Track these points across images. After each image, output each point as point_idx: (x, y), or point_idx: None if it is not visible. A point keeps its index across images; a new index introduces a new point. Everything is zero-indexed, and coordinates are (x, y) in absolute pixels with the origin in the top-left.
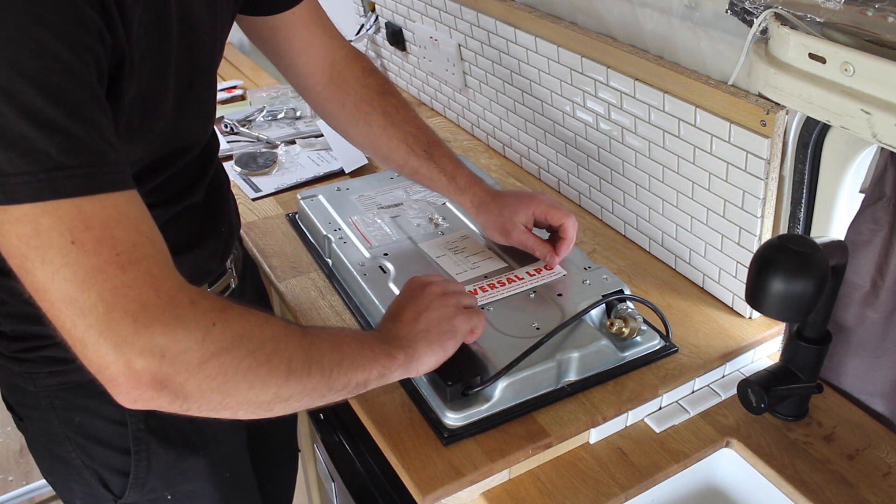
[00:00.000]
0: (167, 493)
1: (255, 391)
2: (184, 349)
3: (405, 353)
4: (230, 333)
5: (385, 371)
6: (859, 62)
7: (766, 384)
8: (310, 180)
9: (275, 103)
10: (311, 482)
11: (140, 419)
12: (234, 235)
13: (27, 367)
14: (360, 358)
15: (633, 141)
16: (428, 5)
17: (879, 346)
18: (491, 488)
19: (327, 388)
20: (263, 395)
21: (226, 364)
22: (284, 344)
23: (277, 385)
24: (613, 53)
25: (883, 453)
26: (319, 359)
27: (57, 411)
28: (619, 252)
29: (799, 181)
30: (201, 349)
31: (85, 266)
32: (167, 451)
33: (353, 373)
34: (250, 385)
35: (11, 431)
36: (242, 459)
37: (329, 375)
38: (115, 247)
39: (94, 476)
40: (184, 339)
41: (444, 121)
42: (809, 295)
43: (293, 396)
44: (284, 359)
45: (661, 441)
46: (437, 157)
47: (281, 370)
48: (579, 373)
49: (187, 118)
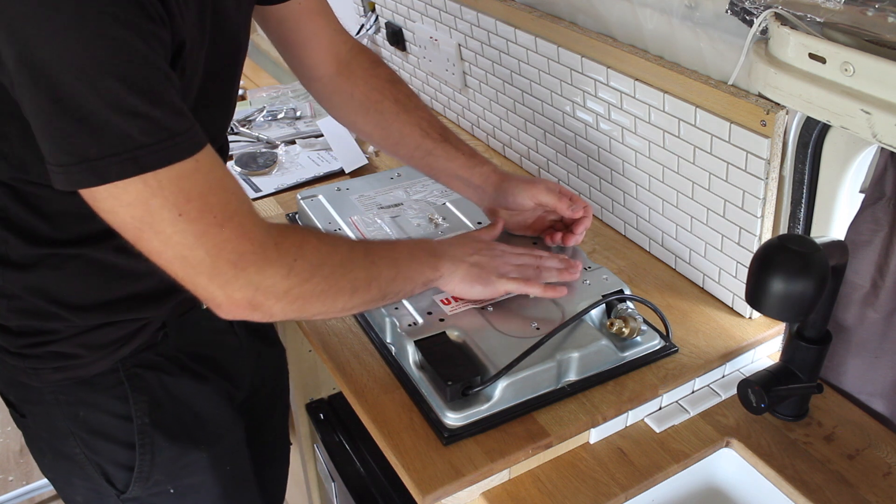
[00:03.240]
0: (170, 487)
1: (326, 307)
2: (272, 283)
3: (448, 269)
4: (308, 265)
5: (429, 281)
6: (859, 62)
7: (766, 384)
8: (310, 180)
9: (275, 103)
10: (311, 482)
11: (145, 413)
12: None
13: (32, 362)
14: (411, 271)
15: (633, 141)
16: (428, 5)
17: (879, 346)
18: (491, 488)
19: (382, 298)
20: (333, 308)
21: (305, 290)
22: (351, 266)
23: (344, 301)
24: (613, 53)
25: (883, 453)
26: (378, 275)
27: (61, 406)
28: (619, 252)
29: (799, 181)
30: (286, 282)
31: (192, 231)
32: (171, 445)
33: (405, 284)
34: (323, 303)
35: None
36: (242, 453)
37: (385, 289)
38: (212, 211)
39: (98, 471)
40: (272, 276)
41: (444, 121)
42: (809, 295)
43: (356, 307)
44: (350, 279)
45: (661, 441)
46: (453, 140)
47: (347, 289)
48: (579, 373)
49: (208, 108)
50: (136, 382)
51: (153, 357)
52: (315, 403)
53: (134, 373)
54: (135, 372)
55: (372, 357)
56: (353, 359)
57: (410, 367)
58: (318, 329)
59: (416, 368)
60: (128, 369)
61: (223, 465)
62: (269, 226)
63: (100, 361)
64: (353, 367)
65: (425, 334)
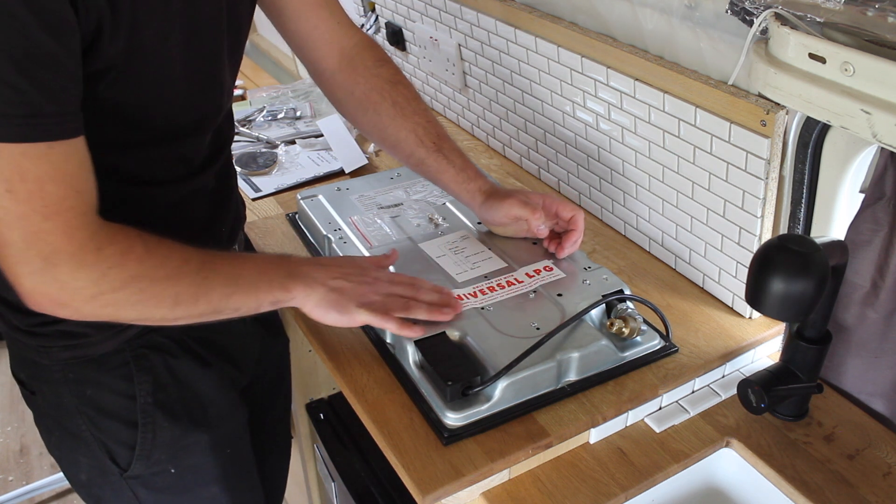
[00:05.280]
0: (171, 467)
1: (143, 317)
2: (80, 286)
3: (303, 292)
4: (125, 275)
5: (277, 301)
6: (859, 62)
7: (766, 384)
8: (310, 180)
9: (275, 103)
10: (311, 482)
11: (148, 393)
12: (240, 225)
13: (42, 340)
14: (254, 289)
15: (633, 141)
16: (428, 5)
17: (879, 346)
18: (491, 488)
19: (215, 312)
20: (152, 317)
21: (116, 298)
22: (175, 282)
23: (165, 311)
24: (613, 53)
25: (883, 453)
26: (208, 292)
27: (69, 385)
28: (619, 252)
29: (799, 181)
30: (95, 287)
31: (15, 212)
32: (172, 425)
33: (245, 301)
34: (139, 313)
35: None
36: (243, 439)
37: (219, 304)
38: (43, 199)
39: (102, 448)
40: (82, 279)
41: (444, 121)
42: (809, 295)
43: (182, 318)
44: (174, 293)
45: (662, 441)
46: (447, 150)
47: (168, 301)
48: (579, 373)
49: (202, 89)
50: (142, 363)
51: (159, 339)
52: (315, 403)
53: (140, 353)
54: (141, 353)
55: (372, 357)
56: (353, 359)
57: (410, 367)
58: (318, 329)
59: (416, 368)
60: (134, 350)
61: (224, 449)
62: (98, 230)
63: (107, 341)
64: (353, 367)
65: (425, 334)
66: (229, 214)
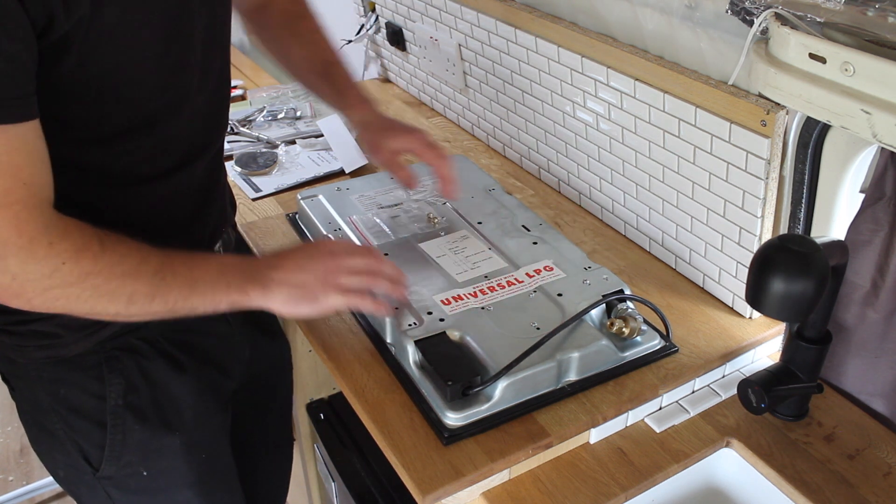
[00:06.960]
0: (142, 469)
1: (96, 312)
2: (32, 278)
3: (261, 294)
4: (77, 271)
5: (235, 302)
6: (859, 62)
7: (766, 384)
8: (310, 180)
9: (275, 103)
10: (311, 482)
11: (119, 395)
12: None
13: (17, 339)
14: (211, 292)
15: (634, 141)
16: (428, 5)
17: (879, 346)
18: (491, 488)
19: (171, 312)
20: (105, 313)
21: (68, 294)
22: (132, 281)
23: (118, 308)
24: (613, 53)
25: (883, 453)
26: (165, 293)
27: (44, 384)
28: (619, 252)
29: (799, 181)
30: (47, 281)
31: None
32: (142, 427)
33: (201, 302)
34: (91, 308)
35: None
36: (221, 443)
37: (175, 304)
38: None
39: (76, 448)
40: (33, 272)
41: (445, 121)
42: (809, 295)
43: (137, 315)
44: (127, 293)
45: (662, 441)
46: (333, 75)
47: (122, 301)
48: (579, 373)
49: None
50: (114, 364)
51: (133, 341)
52: (315, 403)
53: (113, 355)
54: (114, 354)
55: (372, 357)
56: (353, 359)
57: (410, 367)
58: (318, 329)
59: (416, 368)
60: (107, 351)
61: (198, 453)
62: (51, 224)
63: (80, 342)
64: (353, 367)
65: (425, 334)
66: (210, 219)
